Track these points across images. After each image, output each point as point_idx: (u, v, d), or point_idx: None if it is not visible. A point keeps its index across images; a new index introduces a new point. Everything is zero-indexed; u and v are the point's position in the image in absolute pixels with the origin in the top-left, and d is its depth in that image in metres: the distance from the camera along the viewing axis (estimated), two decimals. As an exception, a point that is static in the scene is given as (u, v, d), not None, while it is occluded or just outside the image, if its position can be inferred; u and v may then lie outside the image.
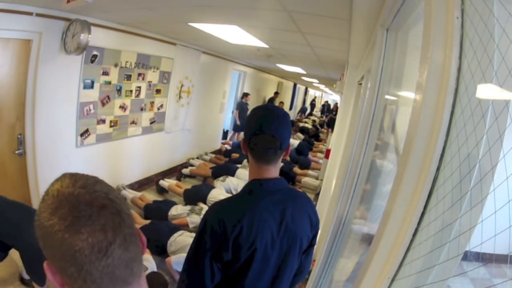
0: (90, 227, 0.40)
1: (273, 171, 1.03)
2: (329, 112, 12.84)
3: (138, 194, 3.87)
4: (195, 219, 3.28)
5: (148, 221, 3.16)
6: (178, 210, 3.43)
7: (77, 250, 0.40)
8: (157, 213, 3.43)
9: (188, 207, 3.51)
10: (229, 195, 3.85)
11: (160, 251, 2.85)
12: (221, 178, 4.40)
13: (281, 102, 10.36)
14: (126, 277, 0.45)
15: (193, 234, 2.90)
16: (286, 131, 1.00)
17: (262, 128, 0.97)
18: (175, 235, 2.88)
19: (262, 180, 1.00)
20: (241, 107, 7.41)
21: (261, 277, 0.98)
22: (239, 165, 5.03)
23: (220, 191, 4.00)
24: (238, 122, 7.47)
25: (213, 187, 4.06)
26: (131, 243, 0.44)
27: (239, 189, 3.89)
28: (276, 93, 10.06)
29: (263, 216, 0.95)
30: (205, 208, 3.55)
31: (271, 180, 1.01)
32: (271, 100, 9.64)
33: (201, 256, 0.92)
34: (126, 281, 0.45)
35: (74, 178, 0.45)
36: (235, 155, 5.88)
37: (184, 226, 3.20)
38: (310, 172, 5.83)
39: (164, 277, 2.41)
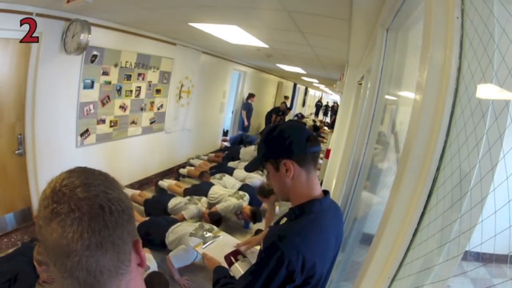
0: (58, 224, 0.43)
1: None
2: (334, 113, 12.07)
3: (137, 191, 3.87)
4: (191, 210, 3.26)
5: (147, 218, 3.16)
6: (177, 201, 3.43)
7: (45, 239, 0.44)
8: (156, 206, 3.43)
9: (187, 197, 3.51)
10: (228, 190, 3.91)
11: (160, 245, 2.83)
12: (218, 176, 4.41)
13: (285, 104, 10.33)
14: (91, 282, 0.45)
15: (190, 223, 2.92)
16: None
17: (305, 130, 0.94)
18: (173, 226, 2.89)
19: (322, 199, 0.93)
20: (248, 107, 7.45)
21: None
22: (236, 165, 5.06)
23: (220, 187, 4.02)
24: (246, 123, 7.50)
25: (212, 184, 4.06)
26: (96, 254, 0.44)
27: (235, 189, 3.91)
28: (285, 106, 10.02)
29: (329, 237, 0.91)
30: (203, 199, 3.53)
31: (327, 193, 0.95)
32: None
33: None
34: (93, 285, 0.46)
35: (67, 175, 0.47)
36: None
37: (182, 220, 3.19)
38: None
39: (165, 277, 2.41)
